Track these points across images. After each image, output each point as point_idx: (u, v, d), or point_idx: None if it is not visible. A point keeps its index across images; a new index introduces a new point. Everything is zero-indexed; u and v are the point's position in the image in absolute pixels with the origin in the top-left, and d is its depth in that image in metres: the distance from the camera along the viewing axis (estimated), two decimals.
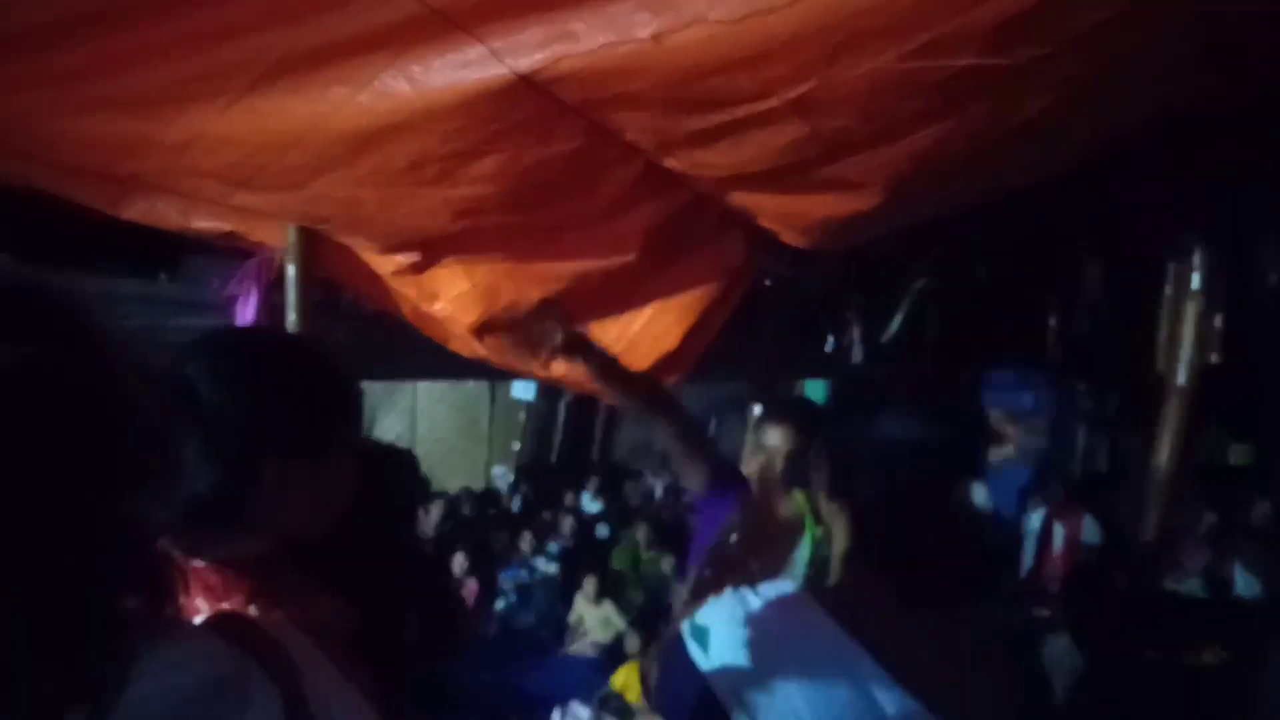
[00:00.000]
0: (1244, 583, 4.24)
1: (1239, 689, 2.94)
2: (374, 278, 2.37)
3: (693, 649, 0.90)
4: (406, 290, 2.39)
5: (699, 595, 1.19)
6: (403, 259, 2.24)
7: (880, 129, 1.60)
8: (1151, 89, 1.59)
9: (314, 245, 2.20)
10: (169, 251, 2.36)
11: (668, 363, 2.53)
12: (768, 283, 2.52)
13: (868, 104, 1.52)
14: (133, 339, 0.62)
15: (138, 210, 2.17)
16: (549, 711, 4.73)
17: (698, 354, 2.57)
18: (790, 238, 2.15)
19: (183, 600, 0.78)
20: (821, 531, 1.28)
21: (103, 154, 1.92)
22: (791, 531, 1.33)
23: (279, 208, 2.06)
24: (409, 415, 8.37)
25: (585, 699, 4.54)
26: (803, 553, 1.37)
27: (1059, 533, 5.21)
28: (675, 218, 2.12)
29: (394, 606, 1.71)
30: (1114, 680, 3.13)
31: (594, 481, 7.94)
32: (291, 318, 2.29)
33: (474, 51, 1.51)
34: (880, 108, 1.53)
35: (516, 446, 8.76)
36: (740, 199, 2.00)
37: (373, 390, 7.57)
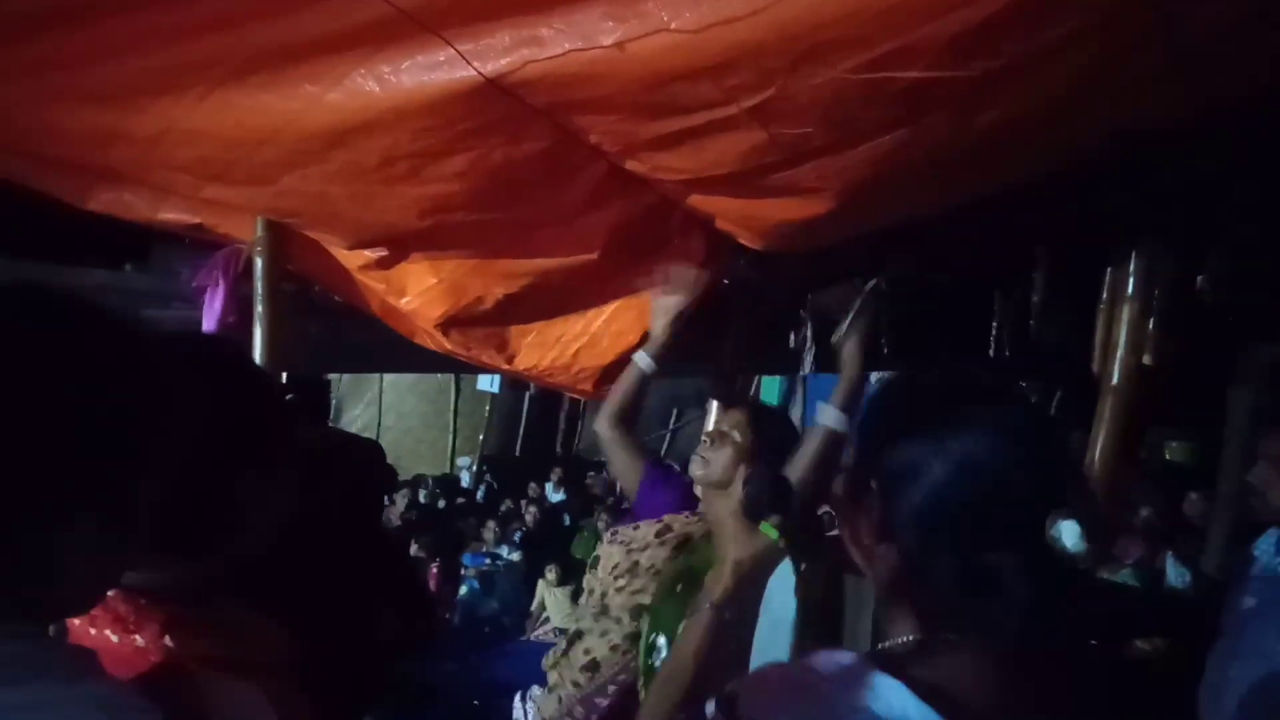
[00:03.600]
0: (1175, 574, 4.42)
1: (1173, 678, 3.08)
2: (342, 272, 2.40)
3: None
4: (374, 285, 2.43)
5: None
6: (371, 254, 2.28)
7: (838, 137, 1.67)
8: (1110, 104, 1.67)
9: (282, 239, 2.24)
10: (136, 242, 2.37)
11: (629, 359, 2.60)
12: (726, 282, 2.59)
13: (826, 112, 1.59)
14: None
15: (105, 201, 2.19)
16: (511, 697, 4.79)
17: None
18: (748, 240, 2.23)
19: (90, 630, 0.74)
20: (816, 573, 1.15)
21: (74, 146, 1.94)
22: (762, 568, 1.14)
23: (249, 202, 2.09)
24: (375, 406, 8.38)
25: (544, 683, 4.61)
26: (784, 589, 1.21)
27: None
28: (638, 218, 2.19)
29: (363, 601, 1.74)
30: (1051, 669, 3.25)
31: (557, 472, 8.00)
32: (260, 310, 2.32)
33: (443, 54, 1.56)
34: (838, 116, 1.61)
35: (482, 437, 8.80)
36: (700, 201, 2.07)
37: (340, 381, 7.57)
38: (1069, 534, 0.70)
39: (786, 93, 1.52)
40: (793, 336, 2.97)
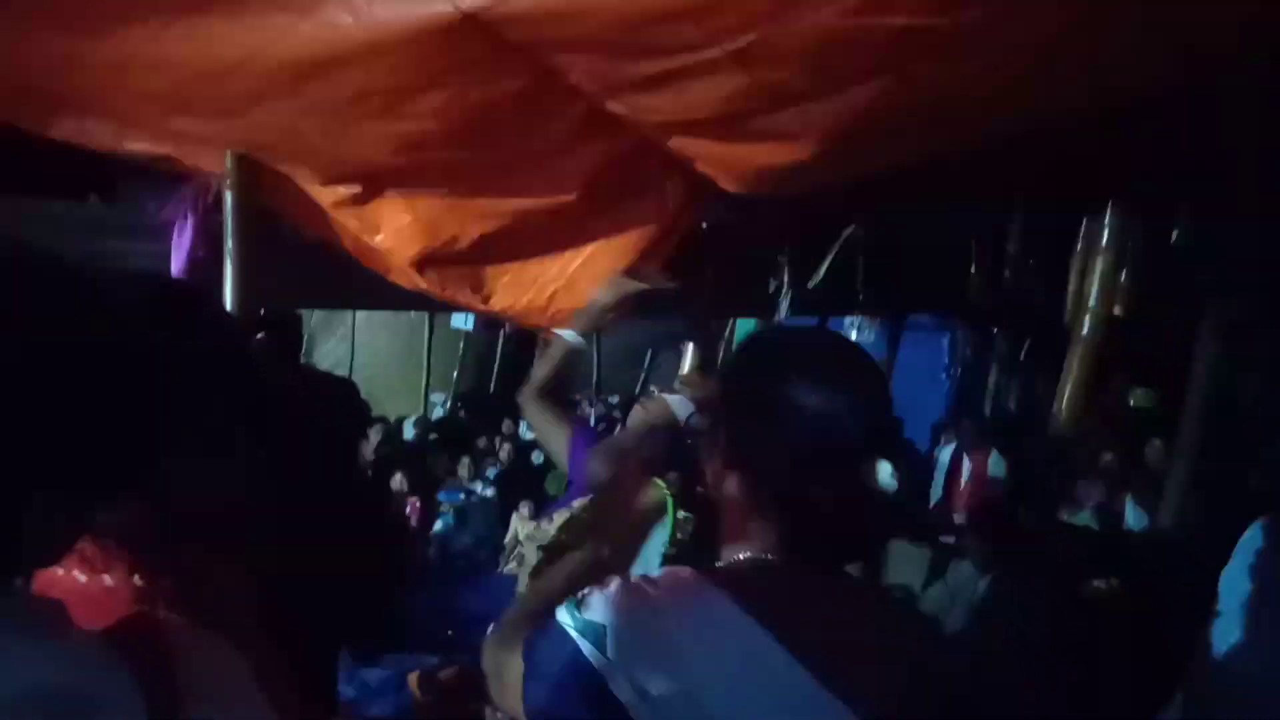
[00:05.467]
0: (1134, 517, 4.55)
1: (1127, 617, 3.19)
2: (314, 208, 2.36)
3: (587, 650, 0.79)
4: (347, 222, 2.39)
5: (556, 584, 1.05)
6: (344, 190, 2.24)
7: (819, 84, 1.66)
8: (1091, 59, 1.66)
9: (253, 173, 2.19)
10: (101, 173, 2.31)
11: None
12: (705, 226, 2.58)
13: (808, 58, 1.57)
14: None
15: (68, 129, 2.12)
16: (484, 628, 4.88)
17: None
18: (728, 183, 2.21)
19: (58, 572, 0.74)
20: (689, 522, 1.21)
21: (35, 72, 1.88)
22: (647, 519, 1.19)
23: (217, 134, 2.04)
24: (348, 342, 8.29)
25: None
26: (657, 541, 1.26)
27: (967, 467, 5.49)
28: (617, 161, 2.16)
29: (341, 538, 1.73)
30: (1012, 606, 3.36)
31: None
32: (230, 245, 2.28)
33: None
34: (820, 63, 1.59)
35: (456, 375, 8.78)
36: (680, 145, 2.04)
37: (311, 316, 7.48)
38: (883, 474, 0.78)
39: (769, 37, 1.50)
40: (770, 281, 2.98)
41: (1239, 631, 1.89)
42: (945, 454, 5.80)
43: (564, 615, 0.83)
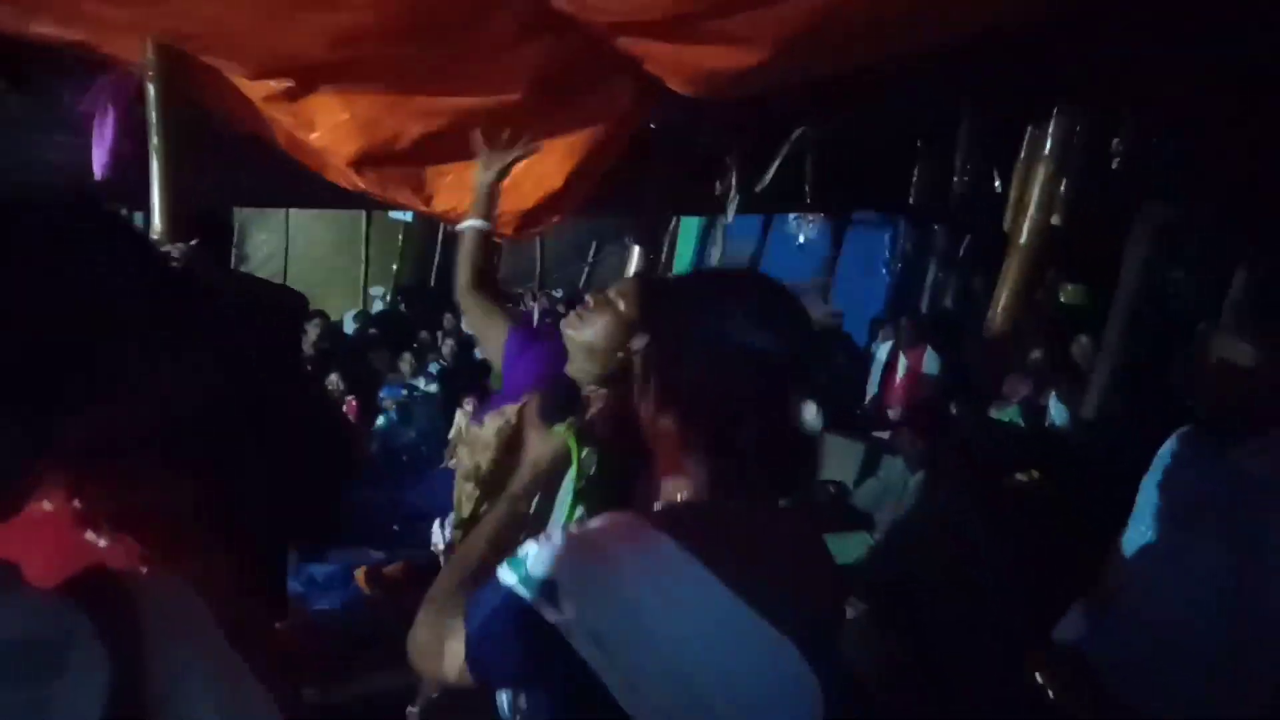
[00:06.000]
0: (1057, 413, 4.76)
1: (1047, 510, 3.37)
2: (245, 102, 2.24)
3: (539, 605, 0.78)
4: (280, 117, 2.28)
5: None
6: (276, 85, 2.12)
7: None
8: None
9: (177, 63, 2.06)
10: (9, 60, 2.14)
11: (551, 202, 2.55)
12: (653, 127, 2.53)
13: None
14: None
15: None
16: (429, 523, 4.96)
17: (581, 195, 2.59)
18: (677, 85, 2.16)
19: None
20: (591, 455, 1.22)
21: None
22: (556, 467, 1.20)
23: (135, 21, 1.91)
24: (282, 233, 7.96)
25: None
26: (566, 480, 1.25)
27: (902, 363, 5.64)
28: (563, 60, 2.09)
29: (286, 444, 1.72)
30: (939, 500, 3.53)
31: None
32: (155, 141, 2.16)
33: None
34: None
35: (395, 267, 8.59)
36: (628, 45, 1.98)
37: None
38: (809, 414, 0.81)
39: None
40: (718, 183, 2.95)
41: (1146, 541, 2.02)
42: (883, 351, 5.95)
43: (507, 574, 0.82)
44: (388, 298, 8.43)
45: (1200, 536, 1.89)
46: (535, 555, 0.82)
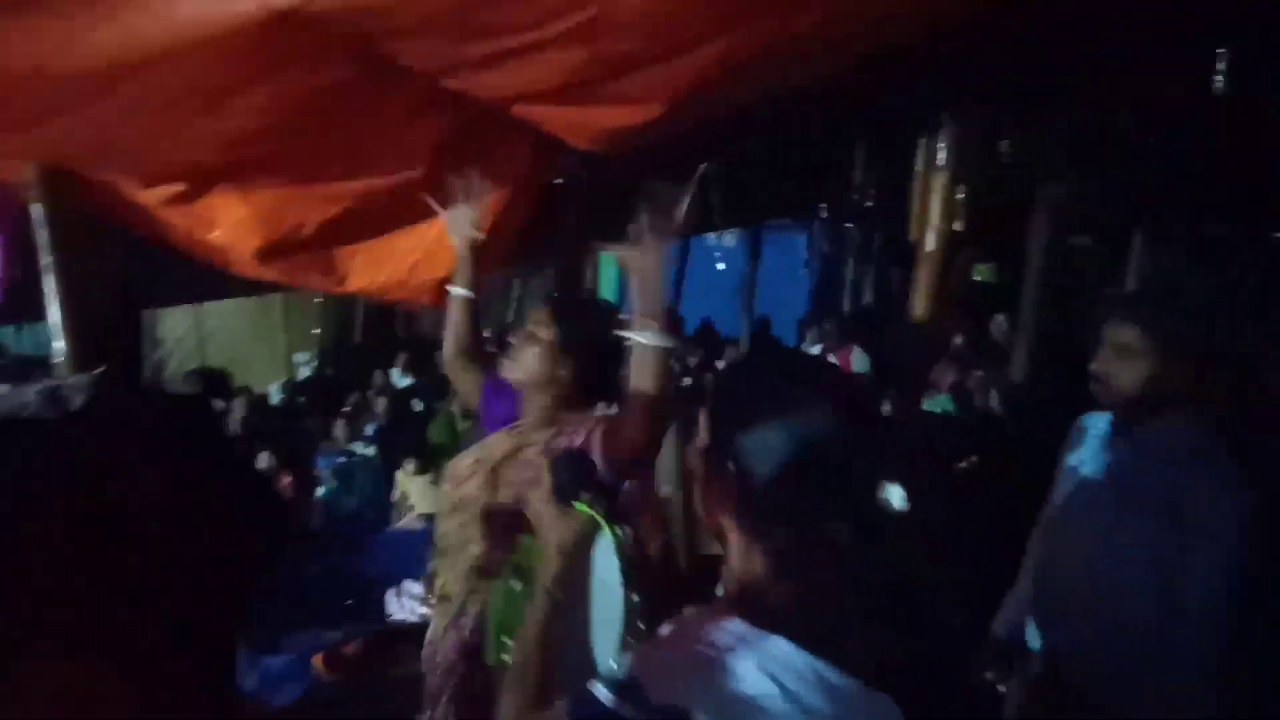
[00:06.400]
0: (985, 395, 4.91)
1: (989, 494, 3.45)
2: (139, 208, 2.18)
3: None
4: (178, 220, 2.22)
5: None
6: (170, 189, 2.08)
7: (661, 50, 1.64)
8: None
9: (63, 180, 1.99)
10: None
11: None
12: (559, 181, 2.54)
13: (649, 28, 1.55)
14: None
15: None
16: (382, 591, 4.84)
17: (498, 255, 2.59)
18: (577, 142, 2.18)
19: None
20: (626, 531, 1.19)
21: None
22: (582, 547, 1.18)
23: (15, 148, 1.85)
24: (193, 311, 7.70)
25: (415, 576, 4.69)
26: (609, 565, 1.21)
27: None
28: (460, 130, 2.09)
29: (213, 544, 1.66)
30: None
31: (402, 356, 7.82)
32: (50, 261, 2.10)
33: None
34: (660, 31, 1.57)
35: (316, 331, 8.40)
36: (525, 111, 1.99)
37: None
38: (895, 496, 0.80)
39: (608, 11, 1.47)
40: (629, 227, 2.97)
41: (1065, 522, 2.09)
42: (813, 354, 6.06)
43: (603, 692, 0.81)
44: (312, 363, 8.25)
45: (1117, 515, 1.96)
46: (630, 667, 0.82)
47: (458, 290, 1.95)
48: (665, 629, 0.90)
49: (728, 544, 0.94)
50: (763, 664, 0.81)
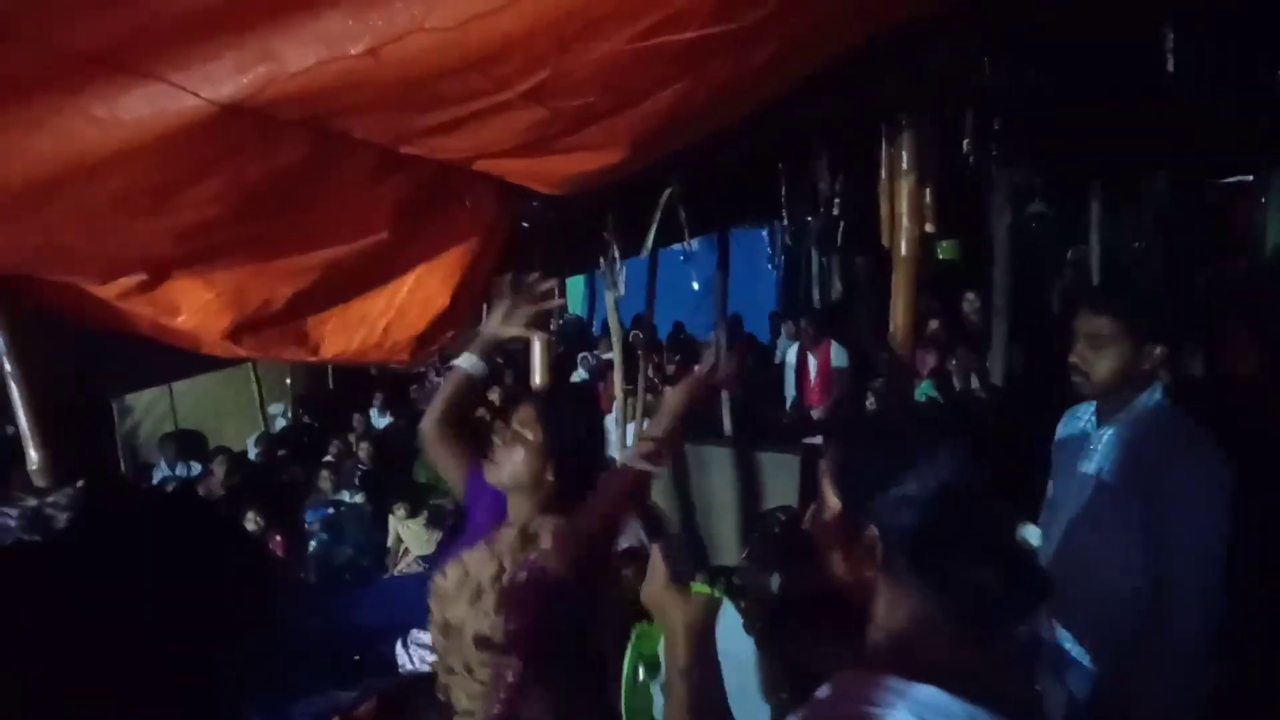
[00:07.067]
0: (963, 378, 4.93)
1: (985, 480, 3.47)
2: (97, 302, 2.11)
3: None
4: (140, 309, 2.15)
5: None
6: (129, 280, 2.01)
7: (620, 100, 1.60)
8: (880, 8, 1.70)
9: (12, 290, 1.93)
10: None
11: (442, 322, 2.49)
12: (525, 225, 2.50)
13: (606, 81, 1.51)
14: None
15: None
16: (386, 642, 4.77)
17: (470, 307, 2.54)
18: (541, 188, 2.14)
19: None
20: (751, 606, 1.20)
21: None
22: (710, 620, 1.15)
23: None
24: None
25: (422, 624, 4.62)
26: (734, 631, 1.20)
27: (812, 362, 5.75)
28: (422, 189, 2.04)
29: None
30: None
31: (378, 396, 7.74)
32: (8, 369, 2.03)
33: (160, 87, 1.35)
34: (618, 83, 1.54)
35: (289, 380, 8.28)
36: (487, 166, 1.95)
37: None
38: (1033, 535, 0.87)
39: (562, 71, 1.43)
40: (600, 259, 2.95)
41: (1059, 511, 2.10)
42: (791, 353, 6.05)
43: None
44: (288, 413, 8.13)
45: (1107, 499, 1.97)
46: None
47: (470, 362, 1.90)
48: (823, 692, 0.92)
49: (874, 604, 0.97)
50: (919, 713, 0.84)
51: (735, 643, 1.21)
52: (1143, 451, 1.89)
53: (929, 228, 2.50)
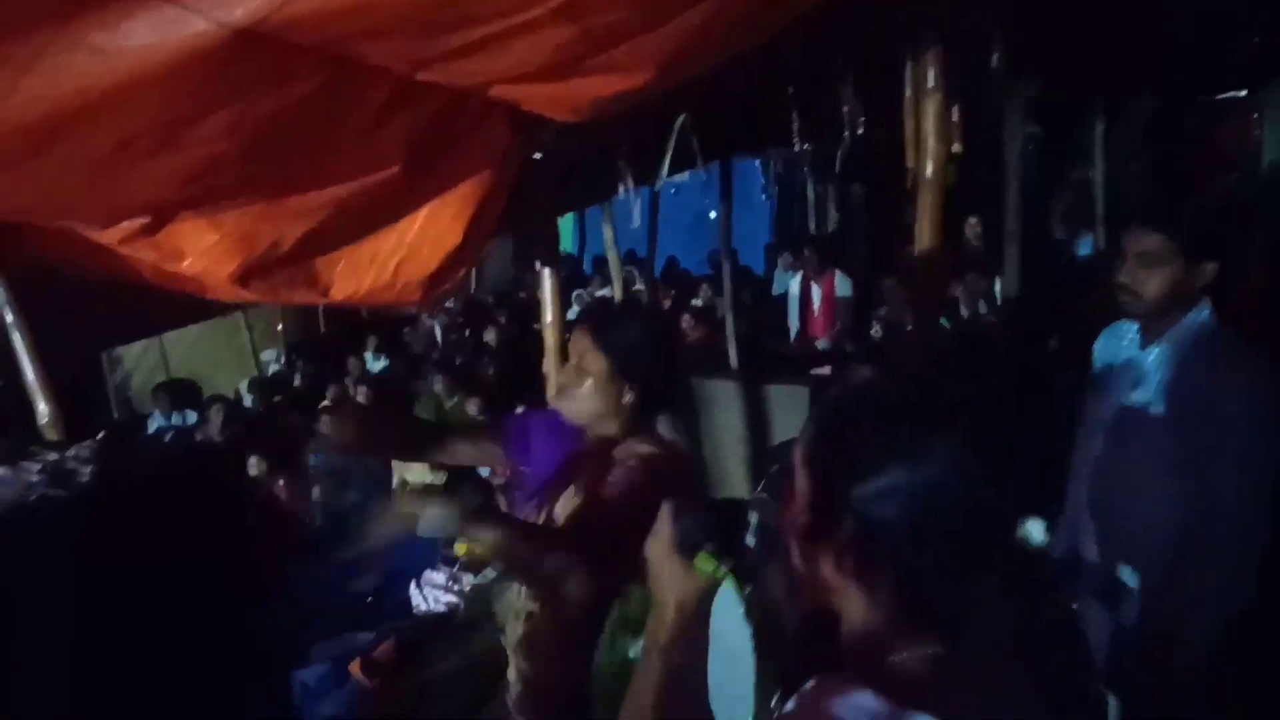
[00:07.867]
0: (969, 305, 4.90)
1: (979, 414, 3.46)
2: (97, 249, 2.02)
3: None
4: (142, 254, 2.07)
5: None
6: (131, 224, 1.92)
7: (651, 17, 1.52)
8: None
9: (11, 238, 1.84)
10: None
11: (454, 259, 2.41)
12: (538, 156, 2.41)
13: None
14: None
15: None
16: (400, 582, 4.78)
17: (483, 243, 2.46)
18: (558, 116, 2.04)
19: None
20: (754, 594, 1.05)
21: None
22: (705, 599, 1.04)
23: None
24: None
25: (434, 564, 4.64)
26: (732, 617, 1.06)
27: (816, 293, 5.69)
28: (434, 121, 1.94)
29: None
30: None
31: (372, 340, 7.65)
32: (9, 319, 1.95)
33: (167, 10, 1.25)
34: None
35: (280, 326, 8.16)
36: (503, 92, 1.85)
37: None
38: (1035, 531, 0.71)
39: None
40: (619, 185, 2.86)
41: (1102, 433, 2.07)
42: (794, 284, 5.98)
43: None
44: (281, 359, 8.03)
45: (1157, 421, 1.95)
46: None
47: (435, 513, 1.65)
48: (790, 704, 0.80)
49: (846, 608, 0.84)
50: None
51: (730, 628, 1.06)
52: (1193, 369, 1.86)
53: (956, 148, 2.42)
